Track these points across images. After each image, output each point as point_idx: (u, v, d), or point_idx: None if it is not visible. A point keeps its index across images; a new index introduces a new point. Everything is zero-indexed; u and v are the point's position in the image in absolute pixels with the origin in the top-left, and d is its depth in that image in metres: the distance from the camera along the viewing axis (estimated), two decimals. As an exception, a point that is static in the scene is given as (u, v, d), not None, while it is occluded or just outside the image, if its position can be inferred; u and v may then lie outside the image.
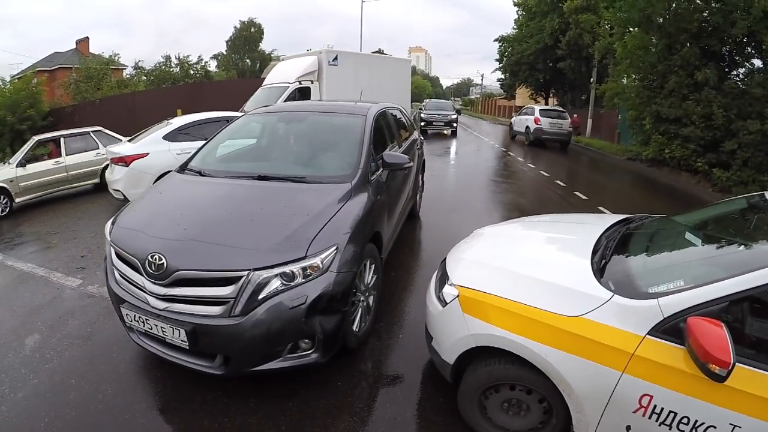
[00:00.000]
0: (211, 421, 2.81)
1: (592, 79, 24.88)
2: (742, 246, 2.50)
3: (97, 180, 10.03)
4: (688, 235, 2.84)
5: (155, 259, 2.76)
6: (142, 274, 2.84)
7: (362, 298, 3.42)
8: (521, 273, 2.67)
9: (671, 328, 2.00)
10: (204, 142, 4.58)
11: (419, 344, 3.34)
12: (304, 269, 2.74)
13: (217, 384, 3.10)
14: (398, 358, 3.49)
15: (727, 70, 13.10)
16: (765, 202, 2.71)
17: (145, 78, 27.15)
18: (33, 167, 9.43)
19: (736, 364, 1.76)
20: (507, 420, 2.61)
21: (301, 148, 4.49)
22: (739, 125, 11.30)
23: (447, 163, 14.51)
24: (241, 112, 12.92)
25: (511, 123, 25.04)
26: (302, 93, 13.25)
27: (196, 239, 2.88)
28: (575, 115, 25.16)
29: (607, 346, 2.08)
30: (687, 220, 3.19)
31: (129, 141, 8.14)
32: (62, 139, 9.98)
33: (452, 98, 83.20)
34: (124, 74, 29.05)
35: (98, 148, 9.94)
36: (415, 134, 7.13)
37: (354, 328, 3.30)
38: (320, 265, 2.79)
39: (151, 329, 2.85)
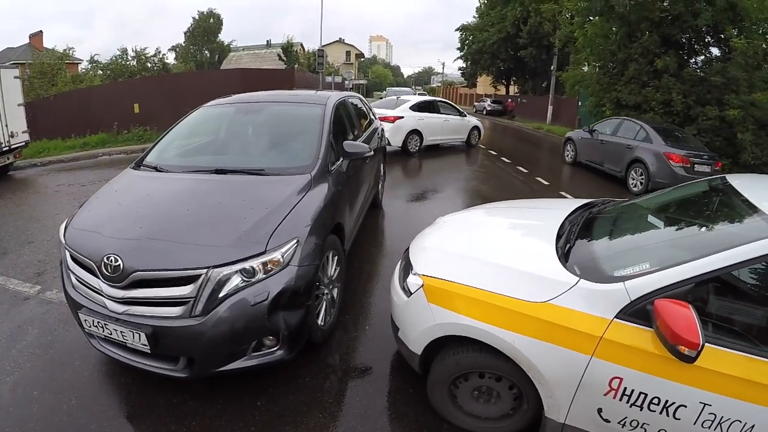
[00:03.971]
0: (178, 425, 2.70)
1: (552, 67, 25.31)
2: (705, 228, 2.53)
3: None
4: (651, 218, 2.87)
5: (111, 261, 2.62)
6: (98, 277, 2.70)
7: (326, 291, 3.35)
8: (486, 260, 2.64)
9: (639, 311, 2.00)
10: (159, 137, 4.39)
11: (386, 335, 3.28)
12: (264, 264, 2.65)
13: (183, 387, 2.99)
14: (366, 350, 3.44)
15: (686, 58, 13.44)
16: (726, 185, 2.73)
17: (101, 72, 26.07)
18: None
19: (705, 344, 1.76)
20: (478, 408, 2.60)
21: (259, 139, 4.35)
22: (697, 111, 11.62)
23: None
24: None
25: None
26: None
27: (153, 238, 2.75)
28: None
29: (575, 330, 2.07)
30: (649, 203, 3.22)
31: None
32: None
33: (414, 87, 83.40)
34: (80, 69, 27.89)
35: None
36: (376, 123, 7.09)
37: (319, 322, 3.23)
38: (281, 260, 2.71)
39: (110, 334, 2.71)
